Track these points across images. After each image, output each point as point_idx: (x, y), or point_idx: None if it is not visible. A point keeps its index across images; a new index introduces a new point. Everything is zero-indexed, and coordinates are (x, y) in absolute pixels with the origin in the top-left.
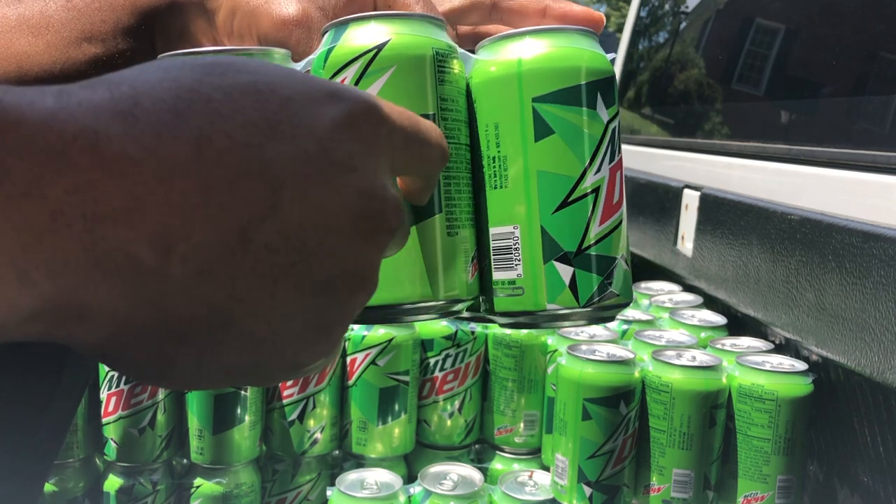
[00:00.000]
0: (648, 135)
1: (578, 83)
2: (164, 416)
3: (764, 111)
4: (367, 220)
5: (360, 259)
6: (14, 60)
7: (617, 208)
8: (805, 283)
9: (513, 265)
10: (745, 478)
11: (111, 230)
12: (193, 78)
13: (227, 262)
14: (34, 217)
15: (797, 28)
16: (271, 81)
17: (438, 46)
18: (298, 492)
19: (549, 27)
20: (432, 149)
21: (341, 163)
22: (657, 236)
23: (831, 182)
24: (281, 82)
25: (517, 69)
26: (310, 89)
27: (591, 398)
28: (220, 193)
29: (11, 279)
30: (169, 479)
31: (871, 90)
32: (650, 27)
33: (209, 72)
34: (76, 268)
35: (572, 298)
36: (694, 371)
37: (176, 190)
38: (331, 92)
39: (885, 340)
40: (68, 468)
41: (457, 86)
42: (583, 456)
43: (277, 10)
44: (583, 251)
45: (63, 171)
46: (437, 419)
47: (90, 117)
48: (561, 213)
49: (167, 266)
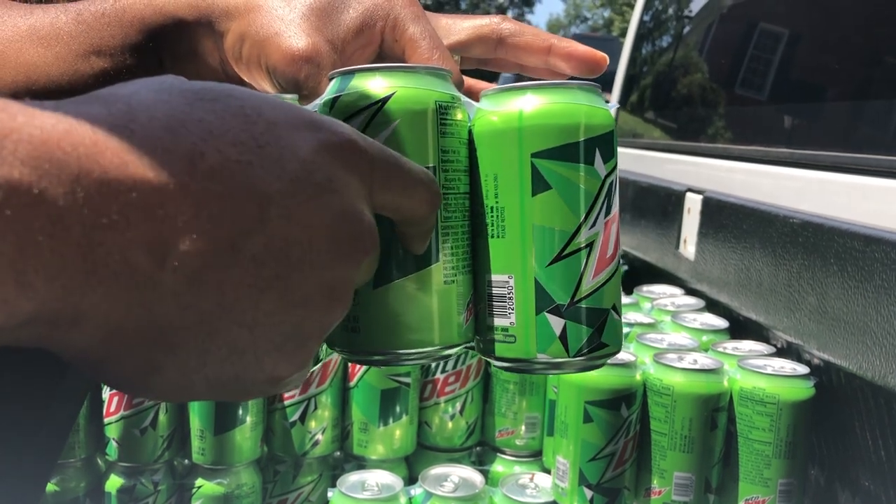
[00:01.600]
0: (651, 138)
1: (577, 140)
2: (165, 417)
3: (766, 115)
4: (346, 240)
5: (337, 276)
6: (23, 70)
7: (610, 261)
8: (807, 286)
9: (507, 313)
10: (746, 481)
11: (108, 236)
12: (185, 100)
13: (217, 272)
14: (34, 222)
15: (799, 33)
16: (258, 106)
17: (441, 99)
18: (299, 493)
19: (550, 82)
20: (418, 189)
21: (322, 184)
22: (659, 240)
23: (833, 186)
24: (266, 108)
25: (518, 124)
26: (292, 116)
27: (593, 401)
28: (212, 206)
29: (10, 282)
30: (170, 480)
31: (873, 94)
32: (653, 31)
33: (200, 96)
34: (73, 272)
35: (562, 349)
36: (695, 374)
37: (171, 200)
38: (311, 121)
39: (886, 344)
40: (70, 468)
41: (458, 136)
42: (584, 458)
43: (287, 44)
44: (574, 304)
45: (63, 179)
46: (438, 421)
47: (89, 129)
48: (554, 266)
49: (160, 273)
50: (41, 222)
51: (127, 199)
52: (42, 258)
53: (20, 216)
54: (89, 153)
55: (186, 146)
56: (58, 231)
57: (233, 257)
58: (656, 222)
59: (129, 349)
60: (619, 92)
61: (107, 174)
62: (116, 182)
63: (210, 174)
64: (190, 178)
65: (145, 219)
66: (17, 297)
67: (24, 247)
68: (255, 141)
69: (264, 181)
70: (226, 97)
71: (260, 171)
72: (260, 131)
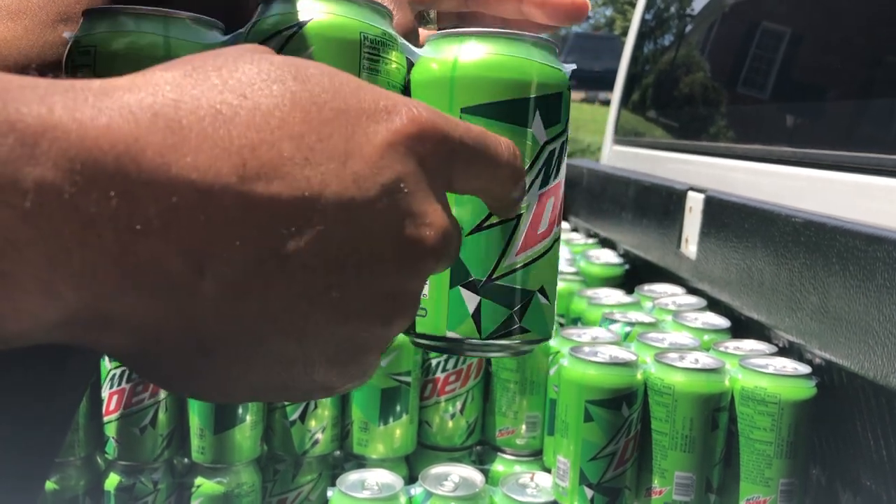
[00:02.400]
0: (653, 137)
1: (513, 98)
2: (165, 415)
3: (768, 114)
4: (413, 247)
5: (401, 286)
6: None
7: (542, 237)
8: (809, 286)
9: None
10: (748, 481)
11: (143, 242)
12: (240, 88)
13: (262, 281)
14: (64, 228)
15: (802, 32)
16: (322, 92)
17: (369, 32)
18: (299, 492)
19: (500, 31)
20: (500, 168)
21: (389, 185)
22: (661, 239)
23: (835, 185)
24: (332, 94)
25: (451, 73)
26: (362, 102)
27: (593, 400)
28: (261, 210)
29: (36, 292)
30: (170, 479)
31: (876, 93)
32: (655, 30)
33: (258, 78)
34: (104, 278)
35: (474, 329)
36: (696, 373)
37: (214, 204)
38: (386, 107)
39: (888, 343)
40: (69, 466)
41: (390, 80)
42: (584, 458)
43: None
44: (492, 280)
45: (97, 180)
46: (438, 420)
47: (130, 124)
48: (474, 236)
49: (199, 281)
50: (72, 228)
51: (166, 204)
52: (71, 267)
53: (50, 223)
54: (129, 151)
55: (236, 143)
56: (89, 238)
57: (280, 266)
58: (658, 221)
59: (165, 354)
60: (621, 91)
61: (146, 176)
62: (156, 185)
63: (260, 173)
64: (238, 179)
65: (185, 224)
66: (44, 306)
67: (52, 255)
68: (317, 133)
69: (321, 181)
70: (291, 79)
71: (317, 170)
72: (323, 121)
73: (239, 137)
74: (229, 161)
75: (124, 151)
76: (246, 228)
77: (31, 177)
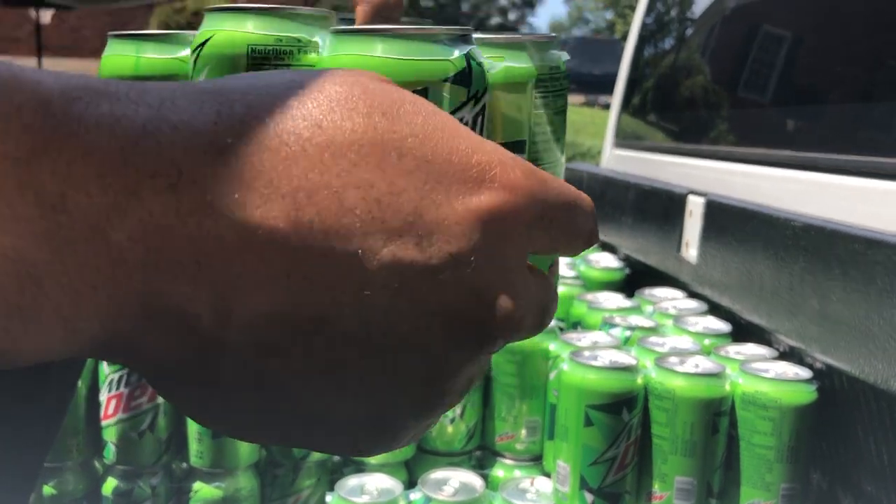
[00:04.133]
0: (653, 141)
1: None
2: (164, 420)
3: (768, 118)
4: (466, 327)
5: (452, 369)
6: None
7: None
8: (809, 290)
9: None
10: (748, 486)
11: (172, 284)
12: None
13: (294, 342)
14: (92, 264)
15: (802, 36)
16: (410, 136)
17: (258, 43)
18: (298, 497)
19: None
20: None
21: (459, 257)
22: (661, 243)
23: (836, 189)
24: (421, 139)
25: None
26: (452, 155)
27: (594, 404)
28: (304, 270)
29: (55, 327)
30: (168, 483)
31: (876, 97)
32: (655, 34)
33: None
34: (129, 316)
35: None
36: (697, 378)
37: (255, 254)
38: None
39: (889, 348)
40: (67, 471)
41: None
42: (585, 463)
43: None
44: None
45: (131, 213)
46: (438, 425)
47: (179, 150)
48: None
49: (224, 330)
50: (100, 265)
51: (202, 248)
52: (95, 304)
53: (80, 258)
54: (169, 184)
55: (296, 182)
56: (118, 276)
57: (316, 331)
58: (658, 225)
59: (181, 390)
60: (621, 94)
61: (183, 212)
62: (195, 227)
63: (313, 229)
64: (286, 230)
65: (220, 270)
66: (63, 340)
67: (78, 292)
68: (389, 185)
69: (380, 244)
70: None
71: (377, 233)
72: (401, 171)
73: (299, 178)
74: (280, 207)
75: (163, 185)
76: (286, 287)
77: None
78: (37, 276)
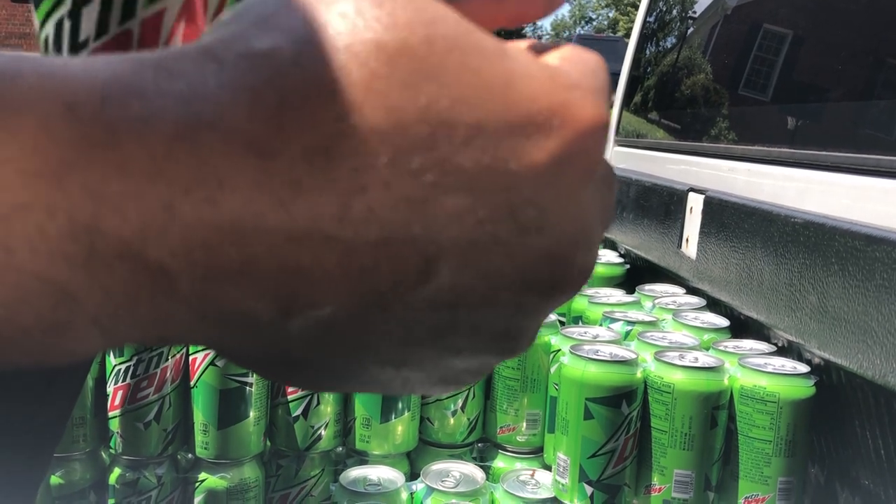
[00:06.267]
0: (654, 138)
1: None
2: (169, 411)
3: (768, 116)
4: (543, 288)
5: (517, 324)
6: None
7: None
8: (808, 285)
9: None
10: (746, 479)
11: (223, 291)
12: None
13: (358, 324)
14: (130, 280)
15: (802, 33)
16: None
17: None
18: (302, 487)
19: None
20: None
21: (528, 224)
22: (661, 239)
23: (835, 186)
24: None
25: None
26: (509, 112)
27: (594, 398)
28: (364, 258)
29: (93, 338)
30: (174, 473)
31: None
32: (657, 32)
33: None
34: (177, 322)
35: None
36: (696, 372)
37: (308, 253)
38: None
39: (887, 343)
40: (74, 461)
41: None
42: (584, 455)
43: None
44: None
45: (169, 230)
46: (440, 417)
47: (218, 155)
48: None
49: (286, 323)
50: (139, 280)
51: (253, 251)
52: (138, 314)
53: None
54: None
55: (342, 179)
56: (160, 288)
57: (382, 310)
58: (658, 221)
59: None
60: (623, 92)
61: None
62: (241, 227)
63: (368, 217)
64: (339, 224)
65: (272, 273)
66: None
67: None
68: (442, 165)
69: (439, 226)
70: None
71: (436, 214)
72: (455, 142)
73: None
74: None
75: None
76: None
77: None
78: (71, 293)
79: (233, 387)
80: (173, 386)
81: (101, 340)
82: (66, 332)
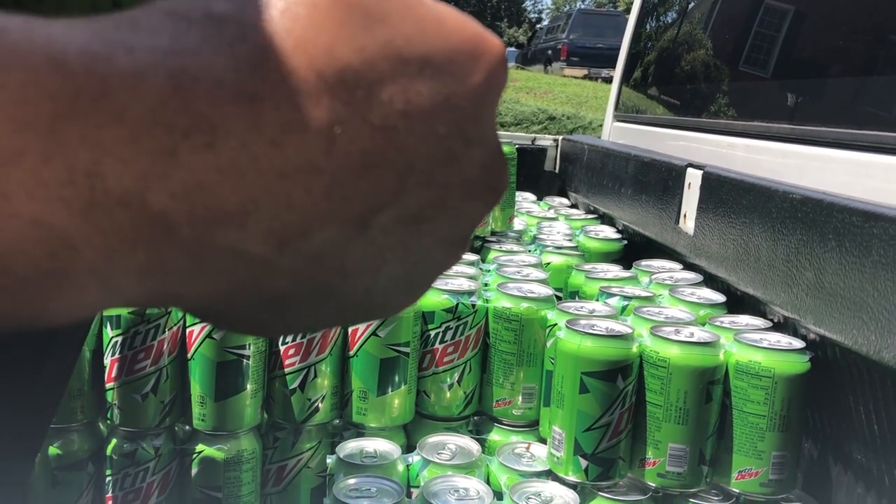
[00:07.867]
0: (654, 114)
1: None
2: (166, 383)
3: (768, 91)
4: (482, 190)
5: (466, 225)
6: None
7: None
8: (805, 261)
9: None
10: (740, 453)
11: (220, 233)
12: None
13: (341, 248)
14: (129, 226)
15: (802, 9)
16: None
17: None
18: (299, 459)
19: None
20: None
21: (473, 138)
22: (659, 214)
23: (833, 162)
24: (416, 35)
25: None
26: (446, 43)
27: (589, 372)
28: (346, 186)
29: (92, 287)
30: (171, 445)
31: (875, 71)
32: (657, 7)
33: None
34: (173, 268)
35: None
36: (691, 347)
37: (299, 187)
38: (474, 44)
39: (882, 319)
40: (72, 432)
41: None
42: (579, 429)
43: None
44: None
45: (170, 174)
46: (436, 390)
47: (208, 105)
48: None
49: (277, 258)
50: (138, 224)
51: (248, 194)
52: (136, 261)
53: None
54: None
55: (324, 117)
56: (158, 232)
57: (360, 233)
58: (657, 197)
59: (235, 313)
60: (623, 68)
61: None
62: (236, 173)
63: (349, 150)
64: (324, 158)
65: (266, 211)
66: (100, 297)
67: (114, 251)
68: (405, 94)
69: (410, 147)
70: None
71: (406, 138)
72: (411, 77)
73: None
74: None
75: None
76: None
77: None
78: (69, 239)
79: (230, 359)
80: (170, 358)
81: (98, 294)
82: (64, 282)
